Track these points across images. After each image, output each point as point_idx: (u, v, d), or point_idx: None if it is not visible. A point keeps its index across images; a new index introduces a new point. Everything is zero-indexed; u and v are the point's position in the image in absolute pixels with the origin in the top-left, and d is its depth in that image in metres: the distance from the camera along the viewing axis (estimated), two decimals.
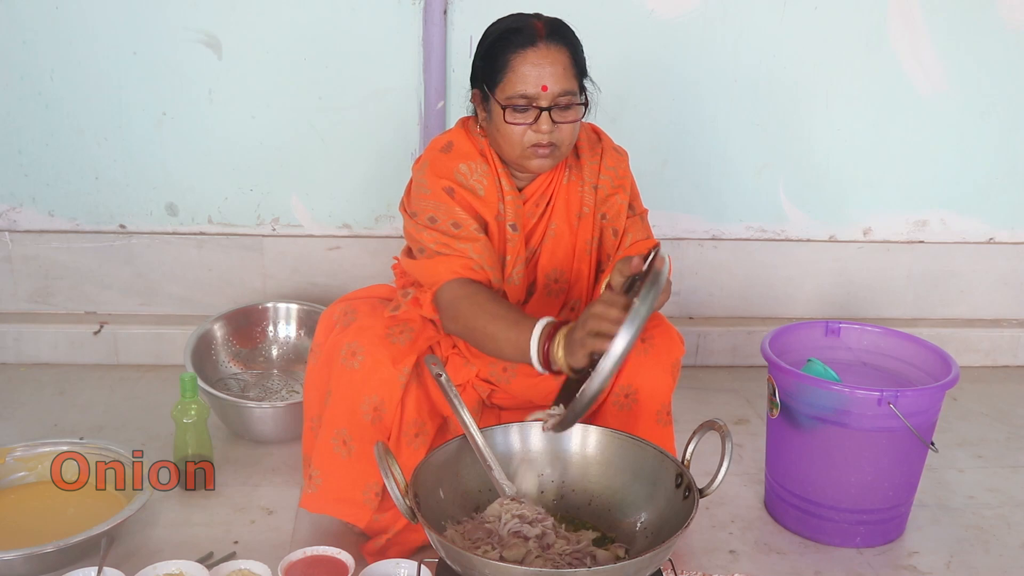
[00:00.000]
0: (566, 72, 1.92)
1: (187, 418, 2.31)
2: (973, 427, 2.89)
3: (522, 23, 1.94)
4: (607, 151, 2.15)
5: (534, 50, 1.90)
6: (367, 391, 1.95)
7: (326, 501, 2.02)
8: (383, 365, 1.94)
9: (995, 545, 2.28)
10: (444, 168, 2.02)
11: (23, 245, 3.03)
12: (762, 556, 2.20)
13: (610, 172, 2.14)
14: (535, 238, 2.10)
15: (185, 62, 2.89)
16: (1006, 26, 3.10)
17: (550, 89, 1.90)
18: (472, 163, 2.03)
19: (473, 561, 1.54)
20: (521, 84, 1.90)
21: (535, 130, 1.93)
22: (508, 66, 1.91)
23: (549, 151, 1.95)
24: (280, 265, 3.10)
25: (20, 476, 2.29)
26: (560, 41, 1.93)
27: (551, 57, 1.90)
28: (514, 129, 1.93)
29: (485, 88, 1.98)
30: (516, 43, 1.91)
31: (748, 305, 3.32)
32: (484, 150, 2.05)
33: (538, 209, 2.09)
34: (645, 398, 2.03)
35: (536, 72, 1.90)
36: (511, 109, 1.92)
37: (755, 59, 3.06)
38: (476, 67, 2.02)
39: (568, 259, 2.12)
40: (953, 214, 3.32)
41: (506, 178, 2.04)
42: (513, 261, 2.05)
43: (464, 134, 2.07)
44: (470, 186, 2.01)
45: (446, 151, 2.05)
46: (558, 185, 2.10)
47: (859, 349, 2.44)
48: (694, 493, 1.69)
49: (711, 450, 1.78)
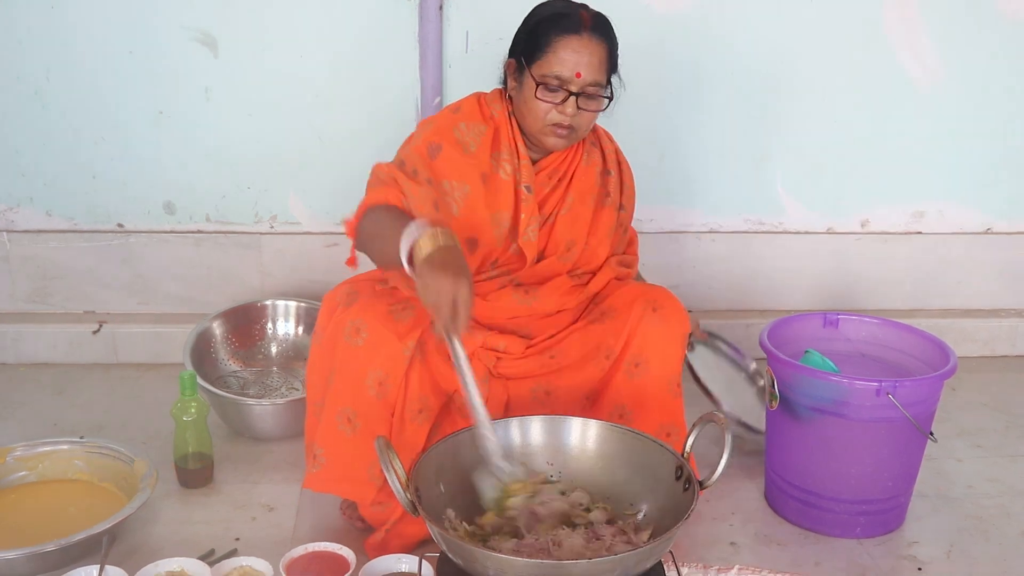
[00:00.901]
0: (601, 65, 2.04)
1: (187, 416, 2.31)
2: (972, 417, 2.89)
3: (571, 10, 2.06)
4: (624, 171, 2.33)
5: (577, 38, 2.02)
6: (372, 366, 1.97)
7: (330, 480, 2.04)
8: (387, 340, 1.96)
9: (995, 534, 2.28)
10: (444, 124, 2.13)
11: (21, 245, 3.03)
12: (763, 548, 2.20)
13: (628, 190, 2.33)
14: (548, 207, 2.19)
15: (181, 61, 2.89)
16: (1003, 17, 3.09)
17: (583, 77, 2.02)
18: (471, 123, 2.13)
19: (474, 554, 1.54)
20: (558, 66, 2.01)
21: (560, 111, 2.04)
22: (550, 46, 2.02)
23: (567, 132, 2.07)
24: (278, 263, 3.10)
25: (21, 475, 2.29)
26: (601, 35, 2.05)
27: (591, 48, 2.02)
28: (541, 105, 2.04)
29: (523, 60, 2.07)
30: (562, 27, 2.03)
31: (746, 298, 3.32)
32: (495, 118, 2.14)
33: (551, 181, 2.19)
34: (655, 367, 2.11)
35: (574, 58, 2.01)
36: (543, 87, 2.03)
37: (752, 52, 3.06)
38: (518, 40, 2.12)
39: (583, 234, 2.21)
40: (951, 205, 3.32)
41: (523, 146, 2.14)
42: (527, 220, 2.13)
43: (474, 101, 2.18)
44: (464, 141, 2.10)
45: (454, 112, 2.17)
46: (577, 165, 2.22)
47: (857, 340, 2.44)
48: (694, 485, 1.70)
49: (711, 443, 1.78)
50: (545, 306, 2.18)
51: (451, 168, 2.08)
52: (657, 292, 2.18)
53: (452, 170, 2.08)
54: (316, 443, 2.05)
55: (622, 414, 2.11)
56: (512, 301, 2.17)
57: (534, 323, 2.18)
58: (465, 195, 2.08)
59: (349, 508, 2.19)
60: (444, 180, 2.07)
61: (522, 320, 2.17)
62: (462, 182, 2.08)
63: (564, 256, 2.20)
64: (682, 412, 2.17)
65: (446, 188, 2.07)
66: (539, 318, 2.18)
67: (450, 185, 2.08)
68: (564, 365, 2.13)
